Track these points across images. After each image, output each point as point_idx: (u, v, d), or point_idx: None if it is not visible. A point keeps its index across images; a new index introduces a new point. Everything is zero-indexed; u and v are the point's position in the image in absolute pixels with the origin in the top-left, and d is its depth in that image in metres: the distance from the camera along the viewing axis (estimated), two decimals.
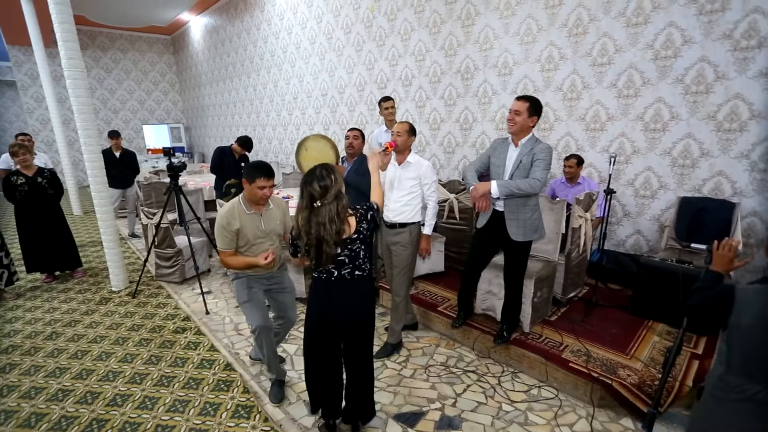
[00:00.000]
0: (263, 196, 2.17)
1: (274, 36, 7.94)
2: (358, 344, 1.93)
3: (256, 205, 2.23)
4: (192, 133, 12.73)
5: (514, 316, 2.72)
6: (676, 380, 2.23)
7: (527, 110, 2.36)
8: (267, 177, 2.14)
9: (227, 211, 2.17)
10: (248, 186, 2.15)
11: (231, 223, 2.14)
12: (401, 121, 2.83)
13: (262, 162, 2.21)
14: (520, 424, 2.17)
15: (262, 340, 2.26)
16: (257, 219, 2.24)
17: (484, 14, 4.45)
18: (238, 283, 2.32)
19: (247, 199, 2.22)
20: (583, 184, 3.65)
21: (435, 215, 2.77)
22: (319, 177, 1.74)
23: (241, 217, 2.19)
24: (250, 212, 2.21)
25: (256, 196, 2.16)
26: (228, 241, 2.17)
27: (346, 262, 1.83)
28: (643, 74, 3.46)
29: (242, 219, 2.19)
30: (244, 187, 2.18)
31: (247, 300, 2.29)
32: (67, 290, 4.12)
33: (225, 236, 2.16)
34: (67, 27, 3.54)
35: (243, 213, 2.20)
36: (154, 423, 2.21)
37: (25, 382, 2.61)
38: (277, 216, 2.33)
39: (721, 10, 3.02)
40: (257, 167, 2.14)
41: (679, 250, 3.26)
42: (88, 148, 3.76)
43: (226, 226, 2.14)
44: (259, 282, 2.35)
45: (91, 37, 11.18)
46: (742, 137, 3.06)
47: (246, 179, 2.14)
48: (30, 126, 10.72)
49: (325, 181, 1.73)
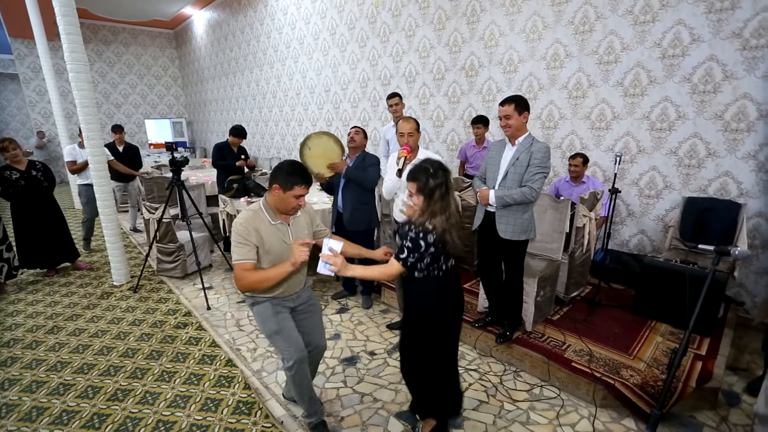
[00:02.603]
0: (297, 206, 1.82)
1: (278, 31, 7.90)
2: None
3: (283, 214, 1.86)
4: (194, 128, 12.72)
5: (516, 315, 2.71)
6: (679, 381, 2.22)
7: (515, 110, 2.38)
8: (306, 184, 1.78)
9: (247, 220, 1.77)
10: (281, 194, 1.77)
11: (252, 234, 1.76)
12: (405, 118, 2.78)
13: (296, 164, 1.83)
14: (521, 423, 2.16)
15: (301, 375, 1.90)
16: (284, 230, 1.85)
17: (490, 11, 4.42)
18: (261, 310, 1.91)
19: (275, 207, 1.83)
20: (588, 183, 3.63)
21: None
22: (436, 169, 1.66)
23: (265, 228, 1.80)
24: (276, 222, 1.83)
25: (290, 206, 1.80)
26: (247, 251, 1.75)
27: None
28: (650, 73, 3.43)
29: (266, 231, 1.80)
30: (273, 193, 1.79)
31: (278, 330, 1.89)
32: (69, 284, 4.12)
33: (245, 245, 1.75)
34: (70, 20, 3.51)
35: (267, 223, 1.81)
36: (155, 418, 2.21)
37: (26, 375, 2.61)
38: (305, 224, 1.96)
39: (731, 9, 2.98)
40: (295, 172, 1.77)
41: (683, 251, 3.24)
42: (90, 142, 3.74)
43: (246, 236, 1.75)
44: (284, 305, 1.95)
45: (94, 31, 11.15)
46: (749, 137, 3.03)
47: (280, 185, 1.75)
48: (32, 119, 10.71)
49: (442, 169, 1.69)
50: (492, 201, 2.42)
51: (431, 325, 1.82)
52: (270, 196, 1.83)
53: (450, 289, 1.82)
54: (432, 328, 1.83)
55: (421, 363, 1.90)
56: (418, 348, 1.89)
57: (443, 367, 1.91)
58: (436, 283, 1.78)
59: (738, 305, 3.16)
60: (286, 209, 1.82)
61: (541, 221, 2.97)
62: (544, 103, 4.15)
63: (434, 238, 1.64)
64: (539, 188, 2.36)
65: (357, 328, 3.18)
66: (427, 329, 1.83)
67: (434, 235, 1.64)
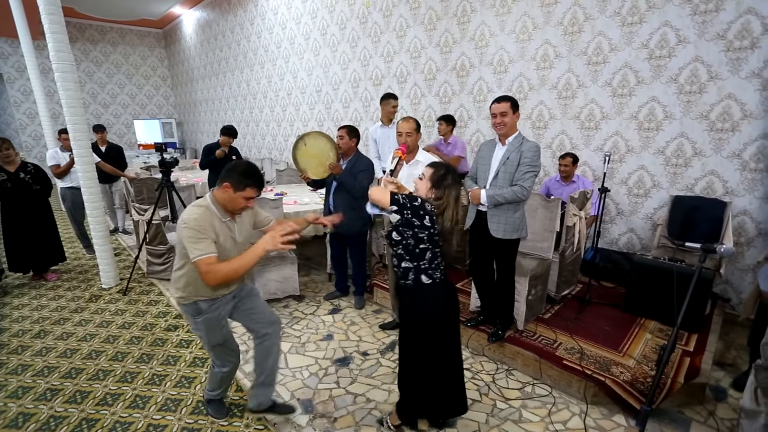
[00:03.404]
0: (245, 208, 1.83)
1: (268, 31, 7.86)
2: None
3: (231, 213, 1.85)
4: (184, 128, 12.59)
5: (508, 314, 2.73)
6: (668, 377, 2.25)
7: (510, 108, 2.40)
8: (258, 188, 1.80)
9: (201, 215, 1.73)
10: (231, 193, 1.75)
11: (208, 228, 1.72)
12: (405, 118, 2.77)
13: (252, 167, 1.82)
14: (514, 421, 2.18)
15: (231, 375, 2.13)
16: (232, 227, 1.86)
17: (480, 11, 4.44)
18: (205, 322, 1.87)
19: (223, 206, 1.80)
20: (578, 182, 3.67)
21: None
22: (455, 175, 1.79)
23: (218, 224, 1.78)
24: (225, 219, 1.82)
25: (238, 206, 1.80)
26: (208, 245, 1.68)
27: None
28: (637, 73, 3.48)
29: (218, 227, 1.77)
30: (224, 191, 1.76)
31: (224, 342, 1.97)
32: (56, 287, 4.05)
33: (205, 238, 1.68)
34: (55, 19, 3.45)
35: (218, 219, 1.79)
36: (146, 422, 2.18)
37: (12, 381, 2.55)
38: (248, 221, 1.97)
39: (715, 11, 3.04)
40: (249, 174, 1.77)
41: (671, 249, 3.29)
42: (77, 143, 3.68)
43: (203, 230, 1.69)
44: (226, 306, 1.95)
45: (81, 30, 10.97)
46: (734, 137, 3.09)
47: (231, 185, 1.74)
48: (17, 120, 10.50)
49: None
50: (483, 200, 2.44)
51: (427, 328, 1.83)
52: (219, 192, 1.79)
53: (444, 296, 1.84)
54: (428, 331, 1.83)
55: (418, 366, 1.90)
56: (416, 352, 1.89)
57: (441, 370, 1.91)
58: (431, 288, 1.79)
59: (724, 302, 3.22)
60: (234, 209, 1.81)
61: (532, 220, 2.99)
62: (534, 103, 4.19)
63: (430, 207, 1.71)
64: (530, 187, 2.38)
65: (350, 328, 3.17)
66: (423, 333, 1.84)
67: (434, 216, 1.70)
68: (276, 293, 3.53)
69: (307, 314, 3.40)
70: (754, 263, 3.11)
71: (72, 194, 4.79)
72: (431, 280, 1.79)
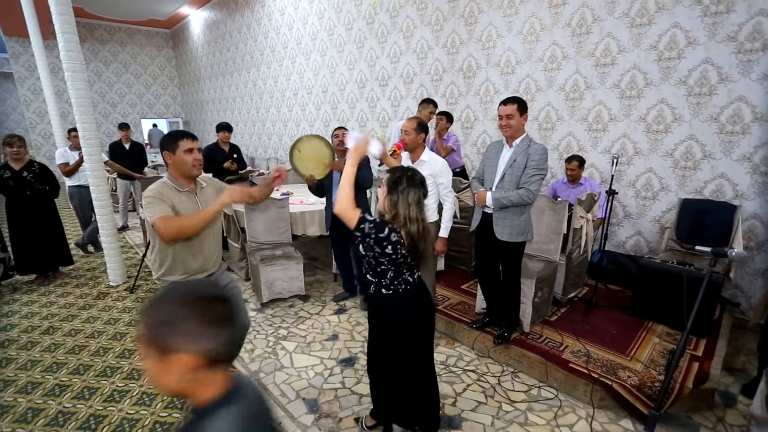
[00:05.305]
0: (195, 162, 1.82)
1: (275, 31, 7.89)
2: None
3: (188, 179, 1.88)
4: (191, 127, 12.66)
5: (514, 316, 2.72)
6: (676, 382, 2.23)
7: (517, 111, 2.38)
8: (190, 138, 1.82)
9: (158, 187, 1.80)
10: (173, 156, 1.80)
11: (165, 196, 1.78)
12: (410, 117, 2.79)
13: (176, 130, 1.87)
14: (520, 424, 2.17)
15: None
16: (194, 198, 1.89)
17: (487, 12, 4.43)
18: None
19: (177, 176, 1.85)
20: (585, 184, 3.65)
21: (452, 217, 2.74)
22: (418, 179, 1.69)
23: (175, 195, 1.82)
24: (184, 189, 1.86)
25: (188, 164, 1.81)
26: (164, 207, 1.74)
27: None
28: (646, 75, 3.45)
29: (176, 198, 1.81)
30: (168, 163, 1.83)
31: None
32: (65, 285, 4.08)
33: (161, 201, 1.74)
34: (65, 19, 3.49)
35: (175, 191, 1.83)
36: (152, 419, 2.19)
37: (21, 377, 2.59)
38: (211, 192, 1.98)
39: (726, 12, 3.01)
40: (174, 134, 1.82)
41: (679, 252, 3.26)
42: (86, 142, 3.72)
43: (160, 196, 1.76)
44: None
45: (90, 30, 11.08)
46: (744, 140, 3.05)
47: (169, 151, 1.80)
48: (27, 119, 10.63)
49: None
50: (489, 203, 2.42)
51: (389, 336, 1.81)
52: (169, 168, 1.86)
53: (407, 306, 1.78)
54: (390, 339, 1.81)
55: (392, 372, 1.88)
56: (389, 359, 1.86)
57: (415, 377, 1.88)
58: (403, 298, 1.76)
59: (734, 306, 3.18)
60: (188, 169, 1.83)
61: (539, 222, 2.98)
62: (542, 104, 4.17)
63: (395, 236, 1.62)
64: (536, 190, 2.37)
65: (355, 329, 3.17)
66: (396, 341, 1.80)
67: (396, 234, 1.63)
68: (281, 293, 3.54)
69: (312, 314, 3.41)
70: (764, 267, 3.07)
71: (80, 193, 4.83)
72: (391, 291, 1.75)
